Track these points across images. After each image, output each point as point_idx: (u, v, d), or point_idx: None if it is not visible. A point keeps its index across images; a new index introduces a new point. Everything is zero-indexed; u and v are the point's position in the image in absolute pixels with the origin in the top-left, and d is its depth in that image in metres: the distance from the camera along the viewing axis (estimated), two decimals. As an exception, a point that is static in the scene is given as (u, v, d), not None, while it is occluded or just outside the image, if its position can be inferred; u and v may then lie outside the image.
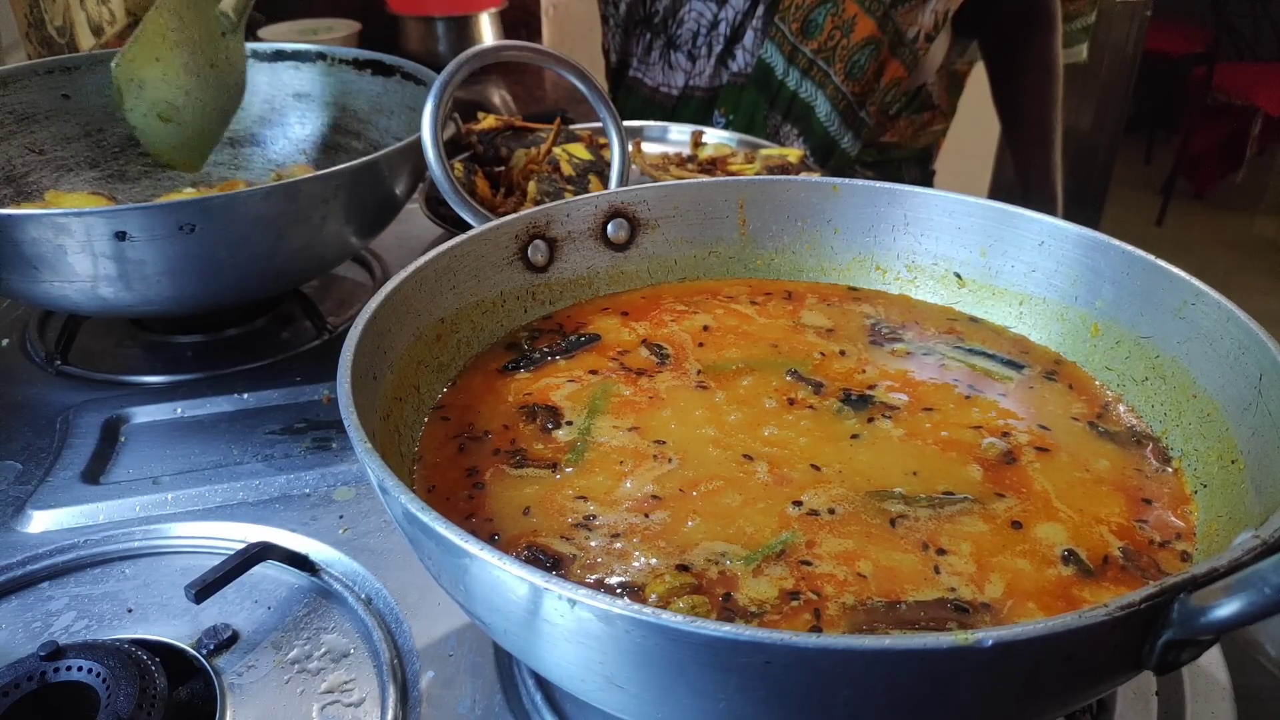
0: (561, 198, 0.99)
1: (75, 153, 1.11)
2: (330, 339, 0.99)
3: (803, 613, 0.47)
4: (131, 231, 0.75)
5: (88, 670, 0.56)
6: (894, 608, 0.47)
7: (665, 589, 0.48)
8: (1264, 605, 0.34)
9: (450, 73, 0.73)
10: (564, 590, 0.37)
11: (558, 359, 0.69)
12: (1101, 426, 0.63)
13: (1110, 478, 0.58)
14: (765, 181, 0.79)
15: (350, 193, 0.87)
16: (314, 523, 0.73)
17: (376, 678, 0.61)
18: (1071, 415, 0.64)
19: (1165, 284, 0.63)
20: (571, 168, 1.07)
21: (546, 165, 1.09)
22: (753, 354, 0.70)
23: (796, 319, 0.75)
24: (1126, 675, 0.43)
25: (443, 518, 0.41)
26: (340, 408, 0.49)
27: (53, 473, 0.78)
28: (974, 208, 0.73)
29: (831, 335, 0.73)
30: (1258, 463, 0.52)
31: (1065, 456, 0.60)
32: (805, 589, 0.49)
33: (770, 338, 0.72)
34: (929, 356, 0.70)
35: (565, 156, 1.08)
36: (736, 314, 0.75)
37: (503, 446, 0.60)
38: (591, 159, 1.08)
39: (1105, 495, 0.57)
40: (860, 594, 0.48)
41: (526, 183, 1.15)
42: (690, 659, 0.37)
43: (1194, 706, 0.59)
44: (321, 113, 1.18)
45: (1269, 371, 0.53)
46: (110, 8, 1.84)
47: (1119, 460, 0.60)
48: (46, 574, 0.69)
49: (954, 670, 0.36)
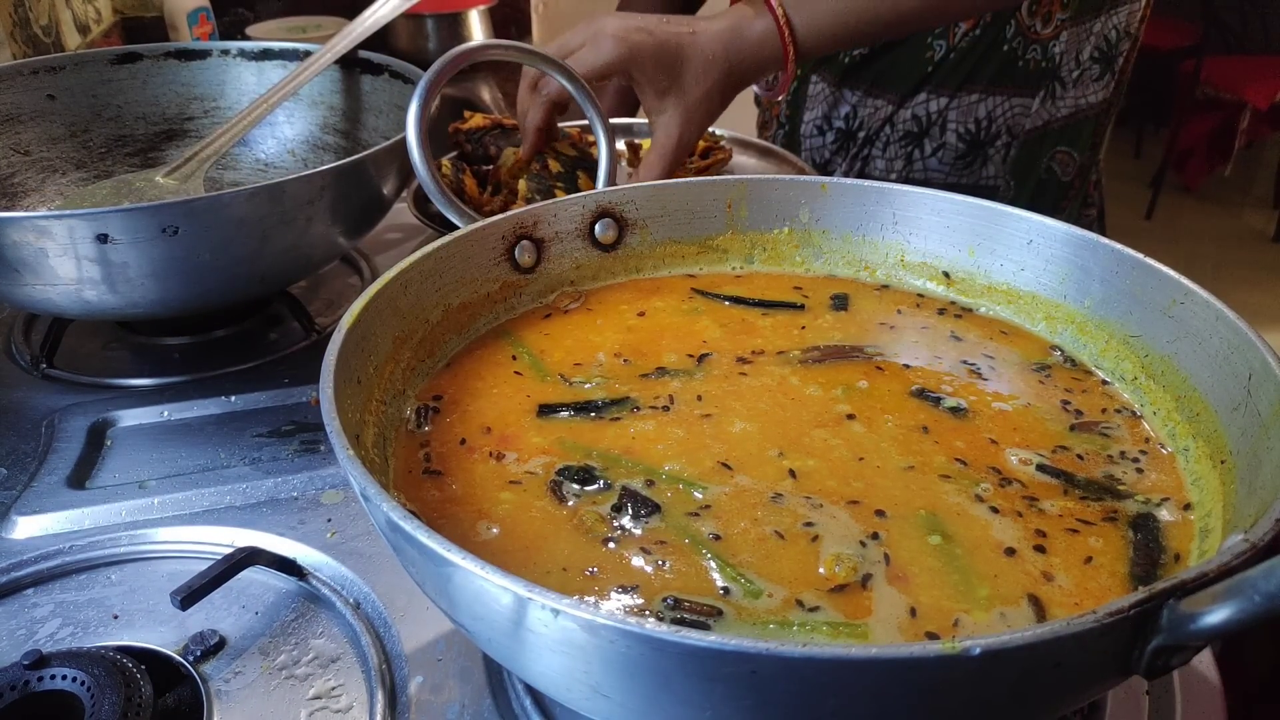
0: (552, 195, 0.98)
1: (61, 153, 1.10)
2: (319, 340, 0.98)
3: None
4: (113, 234, 0.75)
5: (72, 679, 0.55)
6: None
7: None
8: (1253, 613, 0.34)
9: (435, 72, 0.72)
10: (547, 600, 0.37)
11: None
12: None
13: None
14: (754, 180, 0.79)
15: (336, 193, 0.86)
16: (302, 526, 0.73)
17: (365, 683, 0.61)
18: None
19: (1154, 282, 0.63)
20: (560, 164, 1.07)
21: (535, 163, 1.08)
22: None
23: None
24: (1115, 680, 0.42)
25: (425, 526, 0.41)
26: (323, 414, 0.49)
27: (38, 477, 0.78)
28: (962, 206, 0.73)
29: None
30: (1247, 462, 0.52)
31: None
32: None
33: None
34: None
35: (552, 153, 1.08)
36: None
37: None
38: (576, 154, 1.08)
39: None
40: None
41: (515, 181, 1.14)
42: (675, 668, 0.37)
43: (1185, 706, 0.59)
44: (310, 112, 1.18)
45: (1258, 371, 0.53)
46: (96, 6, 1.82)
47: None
48: (31, 580, 0.69)
49: (942, 679, 0.36)
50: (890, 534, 0.52)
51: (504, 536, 0.53)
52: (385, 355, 0.62)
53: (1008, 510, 0.54)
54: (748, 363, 0.68)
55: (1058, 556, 0.51)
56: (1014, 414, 0.63)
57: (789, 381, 0.66)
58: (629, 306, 0.76)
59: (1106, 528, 0.53)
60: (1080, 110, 1.36)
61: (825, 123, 1.44)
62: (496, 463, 0.59)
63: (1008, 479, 0.56)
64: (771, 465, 0.58)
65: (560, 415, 0.63)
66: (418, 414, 0.63)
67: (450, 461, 0.59)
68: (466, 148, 1.20)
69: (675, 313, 0.75)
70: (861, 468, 0.57)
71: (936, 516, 0.53)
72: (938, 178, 1.39)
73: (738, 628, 0.46)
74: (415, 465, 0.59)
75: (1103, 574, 0.50)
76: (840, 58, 1.37)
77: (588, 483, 0.56)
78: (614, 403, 0.64)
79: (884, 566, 0.50)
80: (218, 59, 1.17)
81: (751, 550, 0.51)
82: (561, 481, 0.56)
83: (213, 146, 1.03)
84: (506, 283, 0.73)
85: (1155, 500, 0.55)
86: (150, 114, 1.16)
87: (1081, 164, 1.40)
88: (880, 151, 1.41)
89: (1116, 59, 1.35)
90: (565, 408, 0.63)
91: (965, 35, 1.30)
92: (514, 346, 0.71)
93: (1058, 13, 1.29)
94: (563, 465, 0.58)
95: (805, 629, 0.46)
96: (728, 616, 0.46)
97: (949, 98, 1.34)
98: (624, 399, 0.64)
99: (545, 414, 0.63)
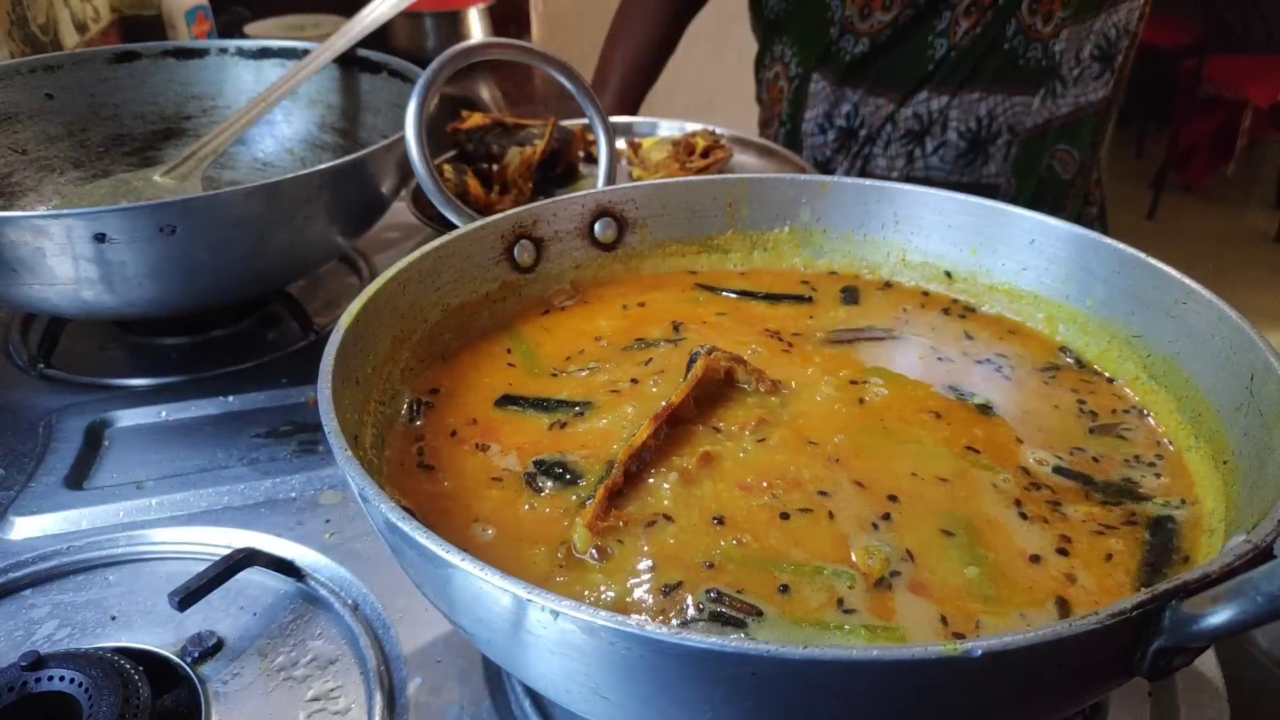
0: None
1: (59, 152, 1.10)
2: (317, 340, 0.98)
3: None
4: (111, 233, 0.74)
5: (70, 680, 0.55)
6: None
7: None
8: (1255, 614, 0.34)
9: (433, 71, 0.72)
10: (547, 601, 0.37)
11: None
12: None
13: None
14: (755, 179, 0.78)
15: (334, 192, 0.86)
16: (300, 527, 0.72)
17: (363, 684, 0.60)
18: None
19: (1156, 282, 0.62)
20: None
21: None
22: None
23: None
24: (1118, 682, 0.42)
25: (424, 527, 0.40)
26: (321, 414, 0.49)
27: (35, 478, 0.77)
28: (965, 205, 0.73)
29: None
30: (1250, 463, 0.52)
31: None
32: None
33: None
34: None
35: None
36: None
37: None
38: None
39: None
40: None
41: (523, 181, 1.14)
42: (675, 670, 0.36)
43: (1187, 706, 0.59)
44: (308, 110, 1.17)
45: (1260, 371, 0.53)
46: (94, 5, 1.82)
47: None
48: (29, 581, 0.69)
49: (944, 680, 0.35)
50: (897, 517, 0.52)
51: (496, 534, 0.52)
52: (384, 355, 0.62)
53: (1035, 515, 0.54)
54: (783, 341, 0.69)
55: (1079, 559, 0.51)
56: (1034, 413, 0.62)
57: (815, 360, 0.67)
58: (631, 299, 0.76)
59: (1126, 530, 0.53)
60: (1081, 108, 1.36)
61: (826, 121, 1.43)
62: (483, 454, 0.58)
63: (1036, 483, 0.56)
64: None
65: (515, 408, 0.63)
66: (411, 407, 0.63)
67: (442, 455, 0.59)
68: (468, 147, 1.20)
69: (678, 302, 0.75)
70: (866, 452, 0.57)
71: (967, 520, 0.53)
72: (939, 176, 1.39)
73: (778, 628, 0.45)
74: (409, 459, 0.58)
75: (1118, 572, 0.50)
76: (842, 56, 1.37)
77: (560, 478, 0.56)
78: (566, 404, 0.63)
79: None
80: (216, 58, 1.17)
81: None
82: (535, 474, 0.56)
83: (211, 145, 1.03)
84: (506, 282, 0.73)
85: (1174, 502, 0.55)
86: (148, 113, 1.15)
87: (1082, 162, 1.40)
88: (881, 150, 1.41)
89: (1116, 57, 1.35)
90: (525, 402, 0.63)
91: (966, 34, 1.30)
92: (512, 339, 0.70)
93: (1058, 11, 1.29)
94: (537, 459, 0.57)
95: (843, 632, 0.45)
96: (769, 617, 0.46)
97: (950, 96, 1.34)
98: (583, 402, 0.63)
99: (502, 405, 0.63)
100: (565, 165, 1.21)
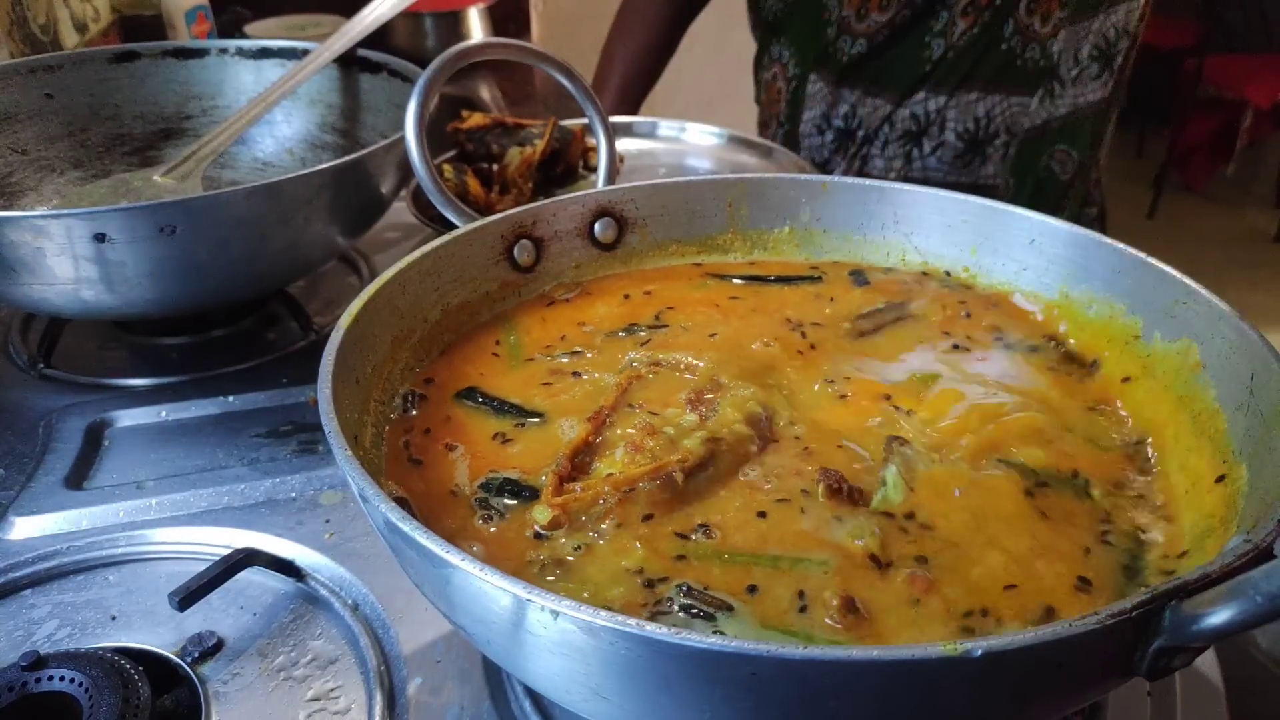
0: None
1: (59, 152, 1.10)
2: (317, 339, 0.98)
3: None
4: (111, 233, 0.74)
5: (70, 680, 0.55)
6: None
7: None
8: (1255, 614, 0.34)
9: (433, 71, 0.72)
10: (546, 602, 0.37)
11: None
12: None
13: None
14: (755, 179, 0.78)
15: (334, 192, 0.86)
16: (300, 527, 0.72)
17: (363, 685, 0.60)
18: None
19: (1156, 282, 0.62)
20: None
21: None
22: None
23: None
24: (1117, 682, 0.42)
25: (424, 527, 0.40)
26: (321, 414, 0.49)
27: (35, 478, 0.77)
28: (964, 205, 0.73)
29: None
30: (1249, 463, 0.52)
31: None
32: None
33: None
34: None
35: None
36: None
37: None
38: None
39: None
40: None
41: (523, 181, 1.14)
42: (675, 671, 0.36)
43: (1186, 706, 0.59)
44: (308, 110, 1.17)
45: (1260, 371, 0.53)
46: (94, 5, 1.82)
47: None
48: (29, 581, 0.69)
49: (943, 680, 0.35)
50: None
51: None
52: (384, 355, 0.62)
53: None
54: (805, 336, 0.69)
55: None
56: (1034, 411, 0.62)
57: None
58: (635, 289, 0.76)
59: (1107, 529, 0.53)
60: (1079, 109, 1.36)
61: (824, 122, 1.43)
62: (449, 453, 0.58)
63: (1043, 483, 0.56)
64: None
65: (470, 403, 0.63)
66: (405, 399, 0.62)
67: (428, 451, 0.59)
68: (468, 147, 1.20)
69: (686, 288, 0.76)
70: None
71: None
72: (937, 177, 1.39)
73: (745, 625, 0.45)
74: (400, 453, 0.58)
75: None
76: (839, 56, 1.37)
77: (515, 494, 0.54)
78: (517, 409, 0.62)
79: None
80: (216, 58, 1.17)
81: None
82: (487, 497, 0.54)
83: (211, 145, 1.03)
84: (505, 282, 0.73)
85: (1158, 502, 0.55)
86: (148, 113, 1.15)
87: (1081, 163, 1.40)
88: (879, 150, 1.41)
89: (1115, 58, 1.35)
90: (482, 397, 0.63)
91: (963, 34, 1.30)
92: (505, 329, 0.70)
93: (1056, 11, 1.28)
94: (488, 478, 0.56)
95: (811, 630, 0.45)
96: (739, 612, 0.46)
97: (947, 97, 1.34)
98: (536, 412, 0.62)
99: (460, 400, 0.63)
100: (565, 165, 1.21)
